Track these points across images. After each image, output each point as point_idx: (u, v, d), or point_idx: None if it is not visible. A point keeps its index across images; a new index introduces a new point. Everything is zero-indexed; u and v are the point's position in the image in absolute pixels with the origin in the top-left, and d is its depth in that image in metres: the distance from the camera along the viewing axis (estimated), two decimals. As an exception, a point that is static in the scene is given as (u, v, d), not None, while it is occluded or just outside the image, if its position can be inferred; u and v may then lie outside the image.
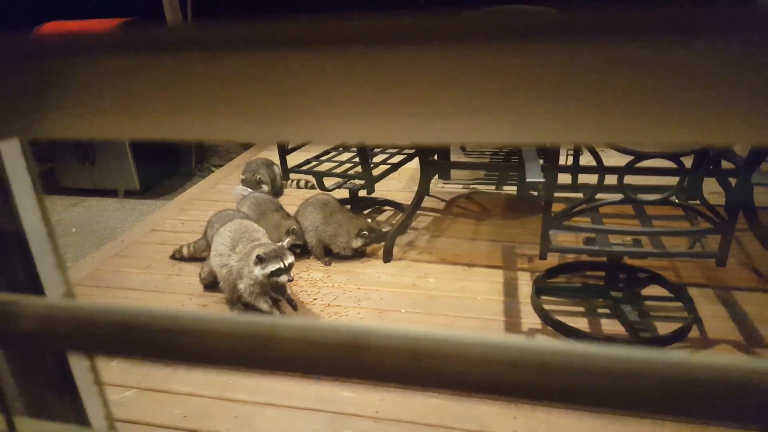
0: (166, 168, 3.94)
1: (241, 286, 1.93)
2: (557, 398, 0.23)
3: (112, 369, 1.73)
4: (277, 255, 1.86)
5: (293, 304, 2.01)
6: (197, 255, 2.39)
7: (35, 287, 0.31)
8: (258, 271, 1.86)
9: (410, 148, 2.68)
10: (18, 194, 0.30)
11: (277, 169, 3.05)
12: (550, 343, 0.24)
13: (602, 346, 0.24)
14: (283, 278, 1.87)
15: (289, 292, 2.04)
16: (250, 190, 2.92)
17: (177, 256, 2.45)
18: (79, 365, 0.39)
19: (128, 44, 0.21)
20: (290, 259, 1.88)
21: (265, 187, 2.99)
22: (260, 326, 0.24)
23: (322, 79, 0.22)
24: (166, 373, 1.72)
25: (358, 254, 2.42)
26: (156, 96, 0.22)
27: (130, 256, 2.53)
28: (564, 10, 0.20)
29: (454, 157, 2.94)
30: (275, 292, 1.99)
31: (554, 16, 0.20)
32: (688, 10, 0.19)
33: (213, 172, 3.78)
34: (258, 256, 1.86)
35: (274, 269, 1.85)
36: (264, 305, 1.96)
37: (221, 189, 3.30)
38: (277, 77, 0.22)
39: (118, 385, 1.68)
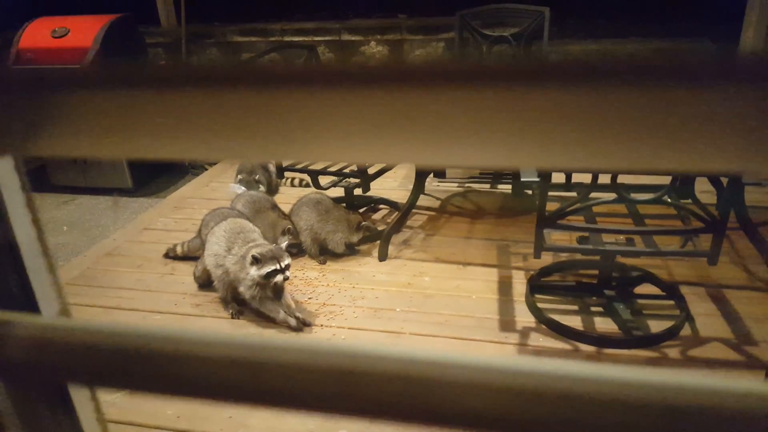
0: (159, 166, 3.91)
1: (242, 289, 1.92)
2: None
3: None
4: (274, 256, 1.86)
5: (304, 321, 1.95)
6: (191, 254, 2.38)
7: (30, 305, 0.31)
8: (254, 272, 1.86)
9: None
10: (11, 211, 0.30)
11: (272, 167, 3.04)
12: (562, 369, 0.24)
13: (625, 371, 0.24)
14: (279, 278, 1.86)
15: (293, 306, 1.98)
16: (244, 188, 2.91)
17: (170, 255, 2.44)
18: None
19: (129, 80, 0.21)
20: (287, 260, 1.88)
21: (262, 188, 2.99)
22: (268, 351, 0.24)
23: (317, 107, 0.22)
24: (161, 374, 1.71)
25: (352, 251, 2.42)
26: (148, 121, 0.22)
27: (122, 255, 2.52)
28: (560, 59, 0.20)
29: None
30: (273, 294, 1.97)
31: (547, 61, 0.21)
32: (674, 60, 0.20)
33: (206, 170, 3.75)
34: (254, 257, 1.85)
35: (269, 270, 1.84)
36: (277, 314, 1.92)
37: (215, 187, 3.28)
38: (274, 109, 0.22)
39: (112, 385, 1.67)
